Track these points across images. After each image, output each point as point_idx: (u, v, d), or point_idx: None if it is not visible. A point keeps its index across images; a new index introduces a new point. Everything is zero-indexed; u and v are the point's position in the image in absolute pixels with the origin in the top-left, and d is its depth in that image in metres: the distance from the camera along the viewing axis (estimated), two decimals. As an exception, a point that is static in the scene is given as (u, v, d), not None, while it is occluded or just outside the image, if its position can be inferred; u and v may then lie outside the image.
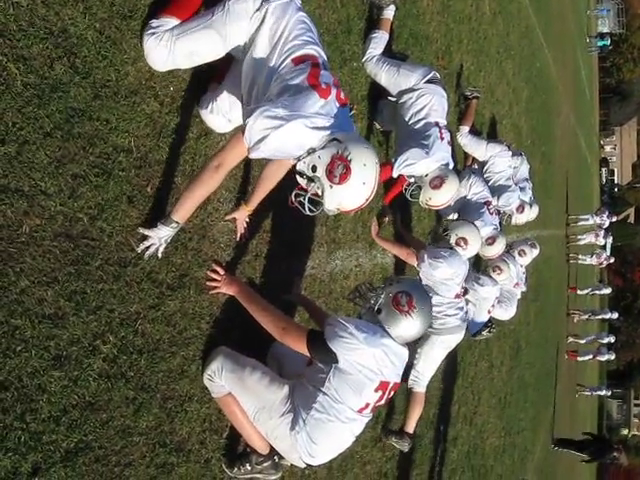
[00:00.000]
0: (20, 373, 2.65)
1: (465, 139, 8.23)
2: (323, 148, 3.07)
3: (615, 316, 27.52)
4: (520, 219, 8.82)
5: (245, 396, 3.64)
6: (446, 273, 5.64)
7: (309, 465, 3.69)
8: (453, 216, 7.74)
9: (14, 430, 2.62)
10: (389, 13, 5.86)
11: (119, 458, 3.13)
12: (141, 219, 3.25)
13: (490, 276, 7.77)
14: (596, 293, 28.56)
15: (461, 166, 8.67)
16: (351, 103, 5.50)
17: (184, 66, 3.44)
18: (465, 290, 7.01)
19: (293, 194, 3.21)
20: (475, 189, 7.57)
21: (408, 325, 3.58)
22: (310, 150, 3.09)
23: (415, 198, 5.71)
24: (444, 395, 8.12)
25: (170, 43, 3.23)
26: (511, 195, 8.25)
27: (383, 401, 3.63)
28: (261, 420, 3.63)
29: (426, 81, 5.57)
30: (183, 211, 3.22)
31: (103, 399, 3.04)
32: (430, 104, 5.52)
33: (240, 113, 3.51)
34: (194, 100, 3.65)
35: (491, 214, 7.50)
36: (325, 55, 3.33)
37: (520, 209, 8.62)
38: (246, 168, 4.11)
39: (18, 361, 2.64)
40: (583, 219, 23.50)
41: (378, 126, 6.11)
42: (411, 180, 5.65)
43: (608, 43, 44.23)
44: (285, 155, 3.23)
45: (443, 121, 5.62)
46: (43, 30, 2.74)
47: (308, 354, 3.47)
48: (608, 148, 67.59)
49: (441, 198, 5.58)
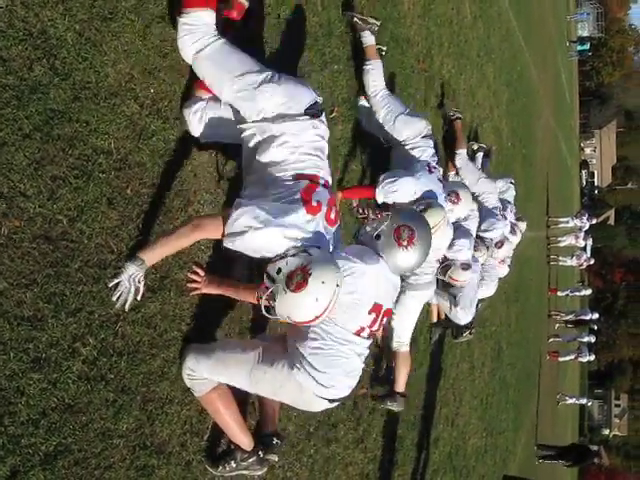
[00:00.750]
0: (-1, 376, 2.63)
1: (462, 162, 8.23)
2: (293, 256, 3.20)
3: (596, 316, 27.75)
4: (498, 254, 8.75)
5: (231, 372, 3.63)
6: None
7: (330, 400, 3.63)
8: None
9: (-8, 433, 2.61)
10: (368, 39, 5.78)
11: (99, 461, 3.12)
12: (121, 221, 3.25)
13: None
14: (576, 294, 28.78)
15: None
16: (332, 105, 5.52)
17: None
18: (445, 267, 7.04)
19: (259, 290, 3.31)
20: (469, 224, 7.53)
21: (404, 258, 3.69)
22: (283, 254, 3.22)
23: None
24: (426, 397, 8.14)
25: (199, 54, 3.46)
26: (495, 222, 8.21)
27: (377, 326, 3.67)
28: (258, 379, 3.59)
29: (422, 137, 5.74)
30: (152, 254, 3.26)
31: (83, 401, 3.03)
32: (419, 154, 5.71)
33: (226, 132, 3.70)
34: (175, 102, 3.65)
35: (475, 245, 7.46)
36: (330, 175, 3.59)
37: (499, 244, 8.59)
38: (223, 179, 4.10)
39: (-4, 364, 2.62)
40: (563, 221, 23.69)
41: (362, 126, 6.12)
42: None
43: (588, 47, 44.61)
44: (256, 254, 3.36)
45: (434, 164, 5.77)
46: (22, 31, 2.74)
47: None
48: (588, 151, 68.15)
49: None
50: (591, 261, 27.91)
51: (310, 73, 5.18)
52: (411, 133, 5.73)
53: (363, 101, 6.02)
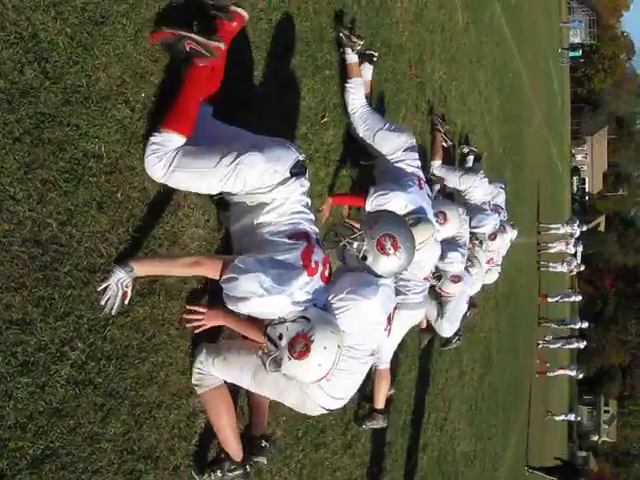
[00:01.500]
0: (-14, 379, 2.63)
1: (439, 172, 8.28)
2: (293, 321, 3.28)
3: (585, 325, 27.88)
4: (492, 247, 8.79)
5: (236, 371, 3.70)
6: (419, 254, 5.67)
7: (330, 410, 3.77)
8: None
9: (-21, 437, 2.60)
10: (351, 57, 5.75)
11: (86, 465, 3.12)
12: (111, 225, 3.25)
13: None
14: (566, 300, 28.86)
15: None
16: (323, 111, 5.53)
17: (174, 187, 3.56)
18: (438, 277, 7.05)
19: (260, 350, 3.40)
20: (461, 230, 7.55)
21: (394, 263, 3.81)
22: (281, 319, 3.31)
23: None
24: (414, 402, 8.15)
25: (167, 169, 3.38)
26: (485, 217, 8.27)
27: (388, 332, 3.94)
28: (262, 381, 3.68)
29: (404, 150, 5.70)
30: (143, 267, 3.31)
31: (71, 405, 3.03)
32: (404, 166, 5.66)
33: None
34: (166, 107, 3.64)
35: (463, 256, 7.46)
36: (317, 231, 3.67)
37: (492, 236, 8.63)
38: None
39: (-16, 367, 2.62)
40: (554, 228, 23.78)
41: (352, 133, 6.10)
42: None
43: (579, 54, 44.80)
44: (257, 316, 3.46)
45: (422, 176, 5.76)
46: (13, 35, 2.73)
47: None
48: (579, 157, 68.38)
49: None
50: (581, 267, 28.00)
51: (301, 78, 5.19)
52: (391, 148, 5.67)
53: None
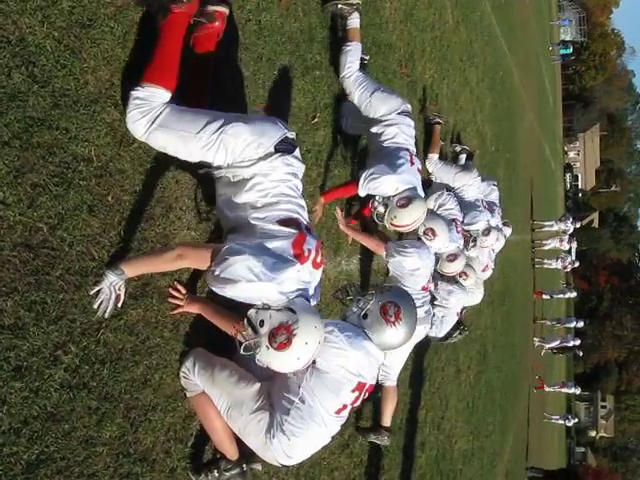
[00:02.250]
0: (-21, 385, 2.62)
1: (434, 167, 8.35)
2: (278, 311, 3.25)
3: (581, 324, 28.01)
4: (485, 243, 8.81)
5: (216, 393, 3.67)
6: (415, 263, 5.71)
7: (283, 465, 3.73)
8: None
9: (-27, 442, 2.59)
10: (355, 22, 5.76)
11: (82, 469, 3.11)
12: (102, 228, 3.24)
13: (458, 282, 7.85)
14: (561, 297, 28.94)
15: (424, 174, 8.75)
16: (314, 111, 5.53)
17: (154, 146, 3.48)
18: (433, 297, 7.12)
19: (237, 330, 3.37)
20: (447, 206, 7.63)
21: (392, 335, 3.67)
22: (266, 306, 3.28)
23: (380, 218, 5.65)
24: (411, 401, 8.15)
25: (149, 127, 3.29)
26: (478, 214, 8.33)
27: (359, 402, 3.72)
28: (233, 417, 3.65)
29: (399, 113, 5.64)
30: (132, 268, 3.29)
31: (65, 410, 3.02)
32: (399, 132, 5.59)
33: None
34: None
35: (457, 232, 7.55)
36: (307, 216, 3.62)
37: (486, 232, 8.65)
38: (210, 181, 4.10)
39: (-23, 372, 2.61)
40: (547, 225, 23.83)
41: (344, 129, 6.11)
42: (377, 199, 5.63)
43: (570, 51, 44.87)
44: (244, 300, 3.39)
45: (413, 148, 5.70)
46: (0, 39, 2.73)
47: None
48: (572, 154, 68.60)
49: (406, 218, 5.49)
50: (576, 264, 28.05)
51: (291, 79, 5.19)
52: (388, 109, 5.60)
53: (346, 102, 6.03)
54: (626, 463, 66.48)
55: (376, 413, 6.58)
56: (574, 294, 30.28)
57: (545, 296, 25.02)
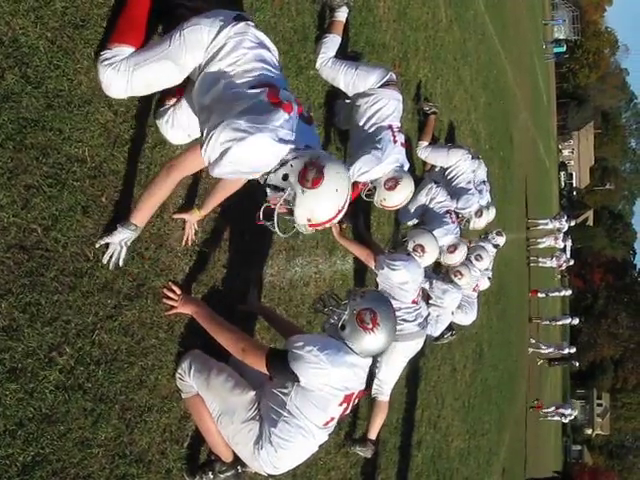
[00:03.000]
0: (-26, 387, 2.61)
1: (425, 152, 8.39)
2: (296, 158, 3.04)
3: (576, 321, 28.13)
4: (479, 223, 8.87)
5: (210, 397, 3.67)
6: (403, 277, 5.70)
7: (270, 475, 3.72)
8: (413, 222, 7.83)
9: (-32, 445, 2.59)
10: (341, 15, 5.79)
11: (78, 470, 3.10)
12: (96, 229, 3.23)
13: (453, 281, 7.85)
14: (556, 295, 29.01)
15: (420, 172, 8.75)
16: (308, 111, 5.52)
17: (142, 94, 3.42)
18: (427, 296, 7.12)
19: (262, 210, 3.16)
20: (438, 199, 7.65)
21: (371, 342, 3.59)
22: (283, 161, 3.05)
23: (370, 198, 5.79)
24: (407, 400, 8.16)
25: (128, 73, 3.20)
26: (470, 198, 8.35)
27: (348, 411, 3.69)
28: (223, 423, 3.65)
29: (383, 84, 5.60)
30: (141, 214, 3.24)
31: (60, 411, 3.01)
32: (385, 108, 5.56)
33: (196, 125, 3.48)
34: (149, 109, 3.64)
35: (453, 222, 7.60)
36: (285, 84, 3.30)
37: (479, 213, 8.69)
38: (204, 178, 4.09)
39: (-29, 374, 2.60)
40: (542, 223, 23.88)
41: (338, 125, 6.12)
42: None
43: (564, 49, 44.98)
44: (248, 172, 3.17)
45: (397, 123, 5.67)
46: (-7, 40, 2.72)
47: (268, 373, 3.50)
48: (566, 152, 68.73)
49: (395, 199, 5.69)
50: (571, 262, 28.14)
51: (286, 79, 5.17)
52: (376, 78, 5.58)
53: (339, 100, 6.03)
54: (622, 461, 66.60)
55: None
56: (569, 292, 30.35)
57: (540, 294, 25.08)
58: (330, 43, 5.69)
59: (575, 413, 29.79)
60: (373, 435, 6.27)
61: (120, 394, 3.39)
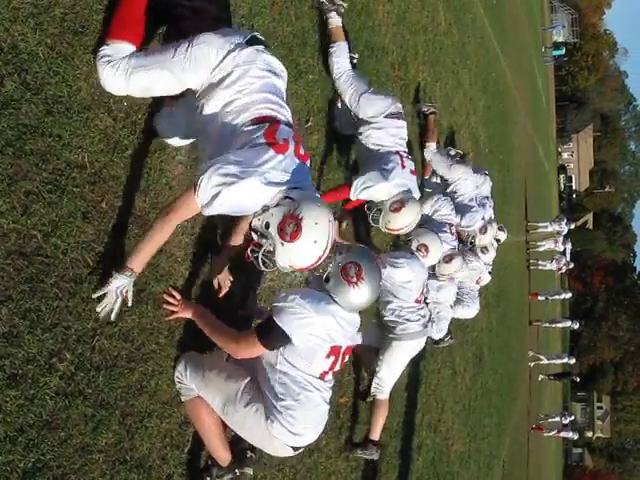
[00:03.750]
0: (-26, 393, 2.61)
1: (431, 155, 8.38)
2: (276, 206, 3.10)
3: (576, 326, 28.14)
4: (484, 240, 8.82)
5: (210, 392, 3.67)
6: (407, 275, 5.71)
7: (294, 448, 3.71)
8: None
9: (-31, 451, 2.59)
10: (335, 20, 5.77)
11: (78, 477, 3.10)
12: (96, 235, 3.23)
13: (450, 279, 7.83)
14: (556, 298, 28.99)
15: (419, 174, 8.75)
16: (307, 115, 5.54)
17: (138, 96, 3.43)
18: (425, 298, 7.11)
19: (249, 249, 3.23)
20: (442, 211, 7.63)
21: (355, 295, 3.64)
22: (264, 207, 3.13)
23: (376, 222, 5.67)
24: (407, 403, 8.15)
25: (126, 74, 3.21)
26: (474, 215, 8.33)
27: (338, 366, 3.70)
28: (230, 413, 3.64)
29: (388, 114, 5.63)
30: (138, 259, 3.20)
31: (61, 417, 3.01)
32: (386, 135, 5.59)
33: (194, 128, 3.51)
34: (148, 115, 3.64)
35: (452, 235, 7.59)
36: (289, 115, 3.35)
37: (483, 230, 8.66)
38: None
39: (-28, 381, 2.60)
40: (542, 226, 23.87)
41: (339, 130, 6.12)
42: (371, 204, 5.64)
43: (563, 52, 45.02)
44: (241, 211, 3.25)
45: (404, 150, 5.69)
46: (-8, 47, 2.73)
47: (266, 350, 3.50)
48: (566, 155, 68.79)
49: (400, 221, 5.51)
50: (570, 265, 28.10)
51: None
52: (375, 111, 5.61)
53: (339, 103, 6.03)
54: (623, 464, 66.55)
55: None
56: (569, 295, 30.34)
57: (541, 297, 25.06)
58: (339, 52, 5.71)
59: (575, 437, 29.84)
60: (376, 436, 6.23)
61: (120, 400, 3.39)
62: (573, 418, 28.94)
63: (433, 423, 9.19)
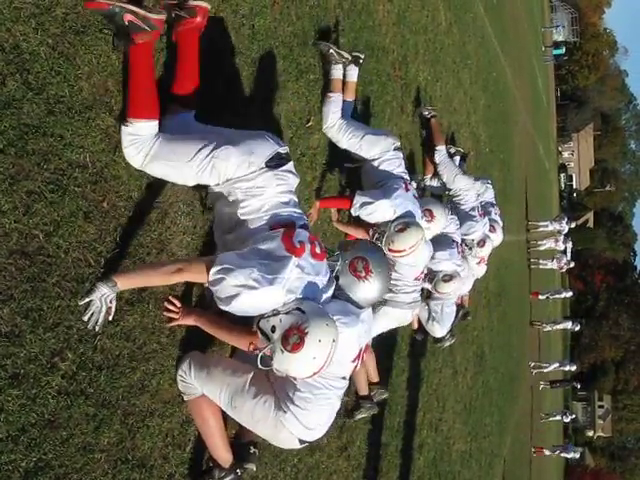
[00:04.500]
0: (-24, 393, 2.62)
1: (441, 158, 8.36)
2: (287, 313, 3.22)
3: (577, 328, 28.18)
4: (480, 253, 8.78)
5: (216, 388, 3.68)
6: (412, 259, 5.70)
7: (304, 441, 3.73)
8: None
9: (-29, 451, 2.59)
10: (337, 73, 5.77)
11: (80, 476, 3.10)
12: (98, 235, 3.24)
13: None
14: (557, 297, 29.00)
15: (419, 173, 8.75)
16: (308, 115, 5.54)
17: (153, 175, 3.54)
18: (430, 278, 7.13)
19: (249, 348, 3.37)
20: (448, 229, 7.60)
21: (368, 289, 3.75)
22: (275, 311, 3.25)
23: (379, 243, 5.57)
24: (408, 403, 8.15)
25: (145, 160, 3.37)
26: (473, 225, 8.30)
27: (359, 365, 3.83)
28: (238, 406, 3.65)
29: (391, 150, 5.72)
30: (127, 281, 3.26)
31: (63, 417, 3.01)
32: (395, 166, 5.69)
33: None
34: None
35: (459, 253, 7.55)
36: (305, 218, 3.59)
37: (481, 243, 8.61)
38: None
39: (-26, 381, 2.61)
40: (543, 225, 23.87)
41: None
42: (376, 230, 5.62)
43: (563, 52, 45.00)
44: (252, 313, 3.35)
45: (407, 177, 5.78)
46: (-6, 47, 2.73)
47: None
48: (566, 154, 68.76)
49: (404, 243, 5.44)
50: (571, 264, 28.10)
51: (285, 83, 5.19)
52: (379, 150, 5.71)
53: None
54: (624, 463, 66.49)
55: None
56: (570, 294, 30.36)
57: (542, 297, 25.07)
58: (335, 103, 5.73)
59: (577, 455, 29.99)
60: (375, 377, 6.20)
61: (122, 399, 3.39)
62: (574, 417, 28.87)
63: (434, 422, 9.19)
